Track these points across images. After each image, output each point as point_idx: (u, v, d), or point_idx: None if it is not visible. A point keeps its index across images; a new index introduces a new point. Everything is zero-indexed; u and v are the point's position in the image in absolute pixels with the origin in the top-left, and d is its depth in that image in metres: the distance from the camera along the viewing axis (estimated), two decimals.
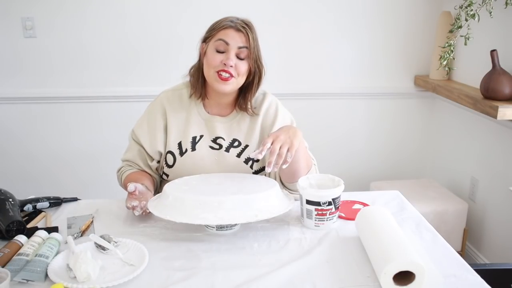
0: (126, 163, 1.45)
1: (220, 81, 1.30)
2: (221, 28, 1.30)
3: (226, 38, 1.29)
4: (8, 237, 1.11)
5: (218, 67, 1.29)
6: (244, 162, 1.40)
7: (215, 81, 1.31)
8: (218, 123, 1.41)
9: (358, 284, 0.97)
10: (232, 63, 1.28)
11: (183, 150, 1.39)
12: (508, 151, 2.09)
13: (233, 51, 1.29)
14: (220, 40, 1.29)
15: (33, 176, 2.64)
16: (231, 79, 1.30)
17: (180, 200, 1.13)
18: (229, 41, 1.29)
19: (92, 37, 2.48)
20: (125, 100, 2.56)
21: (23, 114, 2.56)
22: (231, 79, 1.30)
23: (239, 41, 1.30)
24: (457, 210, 2.26)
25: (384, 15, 2.58)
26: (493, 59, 1.99)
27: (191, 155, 1.38)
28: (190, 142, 1.39)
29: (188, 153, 1.38)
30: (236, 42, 1.29)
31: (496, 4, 1.96)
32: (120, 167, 1.47)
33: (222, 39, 1.29)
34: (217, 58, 1.29)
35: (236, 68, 1.30)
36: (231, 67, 1.29)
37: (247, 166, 1.40)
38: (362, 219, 1.13)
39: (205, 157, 1.39)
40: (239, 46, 1.30)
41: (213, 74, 1.31)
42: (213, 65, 1.30)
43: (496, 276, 1.24)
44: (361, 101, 2.72)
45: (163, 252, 1.09)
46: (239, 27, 1.30)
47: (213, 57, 1.30)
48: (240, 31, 1.30)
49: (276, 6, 2.52)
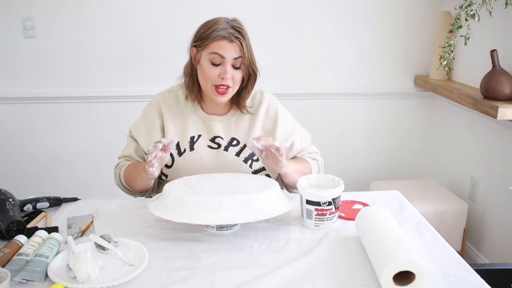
0: (123, 158, 1.45)
1: (218, 94, 1.31)
2: (213, 39, 1.27)
3: (221, 51, 1.27)
4: (8, 237, 1.11)
5: (215, 81, 1.30)
6: (243, 161, 1.40)
7: (213, 94, 1.32)
8: (216, 122, 1.41)
9: (358, 284, 0.97)
10: (229, 75, 1.29)
11: (181, 150, 1.39)
12: (508, 151, 2.09)
13: (229, 63, 1.29)
14: (215, 54, 1.28)
15: (33, 176, 2.64)
16: (228, 91, 1.32)
17: (180, 200, 1.13)
18: (224, 54, 1.28)
19: (92, 37, 2.48)
20: (125, 100, 2.56)
21: (23, 114, 2.56)
22: (228, 91, 1.31)
23: (234, 52, 1.28)
24: (457, 210, 2.26)
25: (384, 15, 2.58)
26: (493, 59, 1.99)
27: (190, 154, 1.38)
28: (188, 142, 1.39)
29: (187, 153, 1.39)
30: (231, 54, 1.28)
31: (496, 4, 1.96)
32: (117, 163, 1.46)
33: (216, 52, 1.28)
34: (213, 72, 1.29)
35: (232, 78, 1.30)
36: (228, 80, 1.29)
37: (246, 165, 1.40)
38: (362, 219, 1.13)
39: (203, 157, 1.39)
40: (234, 58, 1.29)
41: (211, 87, 1.31)
42: (210, 79, 1.30)
43: (496, 276, 1.24)
44: (361, 101, 2.72)
45: (163, 252, 1.09)
46: (232, 38, 1.27)
47: (209, 71, 1.29)
48: (233, 42, 1.28)
49: (276, 6, 2.52)
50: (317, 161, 1.49)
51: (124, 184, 1.41)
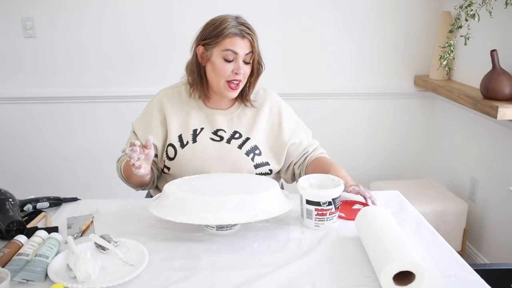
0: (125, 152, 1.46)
1: (230, 89, 1.36)
2: (225, 36, 1.31)
3: (235, 48, 1.31)
4: (8, 237, 1.11)
5: (229, 77, 1.34)
6: (245, 153, 1.41)
7: (225, 90, 1.36)
8: (219, 116, 1.44)
9: (358, 284, 0.97)
10: (242, 71, 1.33)
11: (184, 142, 1.41)
12: (508, 151, 2.09)
13: (241, 58, 1.33)
14: (228, 51, 1.32)
15: (34, 176, 2.64)
16: (240, 85, 1.36)
17: (180, 200, 1.13)
18: (237, 51, 1.32)
19: (93, 37, 2.48)
20: (126, 100, 2.56)
21: (23, 114, 2.56)
22: (239, 85, 1.36)
23: (246, 48, 1.33)
24: (457, 210, 2.26)
25: (384, 15, 2.58)
26: (493, 59, 1.99)
27: (192, 147, 1.40)
28: (191, 134, 1.41)
29: (189, 145, 1.40)
30: (244, 50, 1.33)
31: (496, 4, 1.96)
32: (119, 157, 1.48)
33: (230, 49, 1.31)
34: (227, 68, 1.33)
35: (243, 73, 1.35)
36: (241, 75, 1.34)
37: (248, 158, 1.41)
38: (362, 219, 1.13)
39: (206, 149, 1.40)
40: (246, 53, 1.34)
41: (224, 83, 1.35)
42: (224, 75, 1.34)
43: (496, 276, 1.24)
44: (361, 101, 2.72)
45: (163, 252, 1.09)
46: (244, 34, 1.32)
47: (223, 67, 1.33)
48: (245, 37, 1.32)
49: (276, 6, 2.52)
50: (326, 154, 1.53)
51: (124, 178, 1.43)
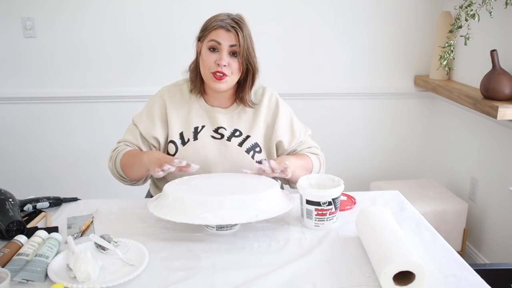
0: (123, 143, 1.45)
1: (215, 80, 1.36)
2: (212, 28, 1.35)
3: (218, 38, 1.34)
4: (8, 237, 1.11)
5: (212, 68, 1.35)
6: (246, 151, 1.42)
7: (211, 81, 1.37)
8: (220, 114, 1.45)
9: (358, 284, 0.97)
10: (225, 62, 1.34)
11: (185, 139, 1.42)
12: (508, 151, 2.09)
13: (225, 50, 1.34)
14: (212, 41, 1.34)
15: (34, 176, 2.64)
16: (225, 78, 1.36)
17: (180, 200, 1.13)
18: (220, 41, 1.34)
19: (93, 37, 2.48)
20: (126, 100, 2.56)
21: (23, 114, 2.56)
22: (225, 77, 1.35)
23: (229, 40, 1.35)
24: (457, 210, 2.26)
25: (384, 15, 2.58)
26: (493, 59, 1.99)
27: (193, 144, 1.41)
28: (192, 132, 1.42)
29: (190, 142, 1.41)
30: (227, 41, 1.34)
31: (496, 4, 1.96)
32: (115, 147, 1.45)
33: (214, 39, 1.34)
34: (210, 58, 1.35)
35: (229, 66, 1.35)
36: (224, 67, 1.34)
37: (248, 155, 1.42)
38: (362, 219, 1.13)
39: (207, 146, 1.41)
40: (230, 45, 1.34)
41: (209, 74, 1.36)
42: (207, 66, 1.36)
43: (496, 276, 1.24)
44: (361, 101, 2.72)
45: (163, 252, 1.09)
46: (229, 28, 1.34)
47: (207, 57, 1.36)
48: (230, 31, 1.34)
49: (276, 6, 2.52)
50: (317, 155, 1.51)
51: (118, 170, 1.40)
